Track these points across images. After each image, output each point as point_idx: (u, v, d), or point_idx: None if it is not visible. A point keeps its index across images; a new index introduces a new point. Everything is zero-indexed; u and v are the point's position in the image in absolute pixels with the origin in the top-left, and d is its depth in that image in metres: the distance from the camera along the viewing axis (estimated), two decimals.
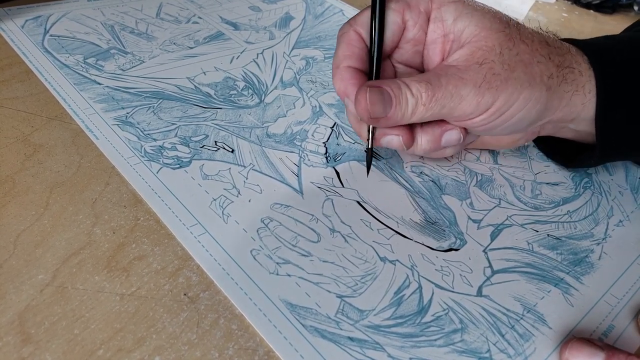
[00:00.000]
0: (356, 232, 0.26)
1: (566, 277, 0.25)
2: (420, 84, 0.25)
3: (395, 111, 0.25)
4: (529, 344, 0.22)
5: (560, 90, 0.26)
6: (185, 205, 0.26)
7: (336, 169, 0.30)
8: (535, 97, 0.25)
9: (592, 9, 0.65)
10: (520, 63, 0.25)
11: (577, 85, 0.27)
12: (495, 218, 0.28)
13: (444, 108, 0.25)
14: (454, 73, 0.25)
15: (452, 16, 0.26)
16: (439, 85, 0.25)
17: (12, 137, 0.29)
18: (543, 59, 0.26)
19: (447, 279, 0.24)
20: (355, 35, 0.27)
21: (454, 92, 0.25)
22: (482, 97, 0.25)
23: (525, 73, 0.25)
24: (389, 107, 0.25)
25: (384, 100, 0.25)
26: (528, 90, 0.25)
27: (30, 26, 0.40)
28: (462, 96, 0.25)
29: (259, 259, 0.24)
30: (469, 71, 0.25)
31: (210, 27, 0.44)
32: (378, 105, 0.25)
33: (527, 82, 0.25)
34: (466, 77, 0.25)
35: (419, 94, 0.25)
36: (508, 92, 0.25)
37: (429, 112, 0.25)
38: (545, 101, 0.26)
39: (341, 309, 0.22)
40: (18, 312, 0.20)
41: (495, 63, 0.25)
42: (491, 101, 0.25)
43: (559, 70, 0.26)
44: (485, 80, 0.25)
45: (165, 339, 0.20)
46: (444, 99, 0.25)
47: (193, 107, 0.34)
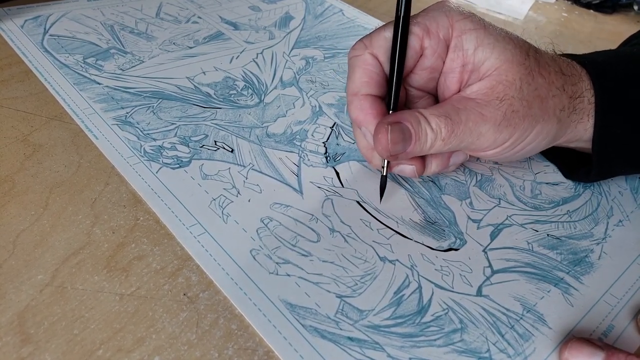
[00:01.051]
0: (356, 232, 0.26)
1: (566, 277, 0.25)
2: (439, 118, 0.24)
3: (415, 147, 0.25)
4: (528, 344, 0.22)
5: (568, 121, 0.27)
6: (185, 205, 0.26)
7: (336, 168, 0.30)
8: (547, 130, 0.26)
9: (592, 8, 0.65)
10: (537, 98, 0.25)
11: (583, 114, 0.27)
12: (495, 218, 0.28)
13: (462, 143, 0.25)
14: (474, 108, 0.25)
15: (473, 45, 0.25)
16: (458, 121, 0.24)
17: (12, 137, 0.29)
18: (558, 92, 0.26)
19: (446, 279, 0.24)
20: (372, 59, 0.26)
21: (473, 129, 0.25)
22: (499, 134, 0.25)
23: (541, 109, 0.25)
24: (408, 144, 0.25)
25: (405, 138, 0.24)
26: (540, 125, 0.26)
27: (29, 26, 0.40)
28: (482, 133, 0.25)
29: (258, 258, 0.24)
30: (489, 107, 0.25)
31: (210, 27, 0.44)
32: (399, 144, 0.25)
33: (541, 117, 0.25)
34: (486, 114, 0.24)
35: (438, 129, 0.24)
36: (524, 128, 0.25)
37: (447, 147, 0.25)
38: (554, 133, 0.27)
39: (341, 308, 0.22)
40: (17, 312, 0.20)
41: (515, 99, 0.25)
42: (508, 137, 0.25)
43: (570, 102, 0.26)
44: (505, 117, 0.25)
45: (165, 339, 0.20)
46: (463, 135, 0.25)
47: (193, 106, 0.34)
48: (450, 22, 0.26)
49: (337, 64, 0.41)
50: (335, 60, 0.42)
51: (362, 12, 0.51)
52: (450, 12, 0.26)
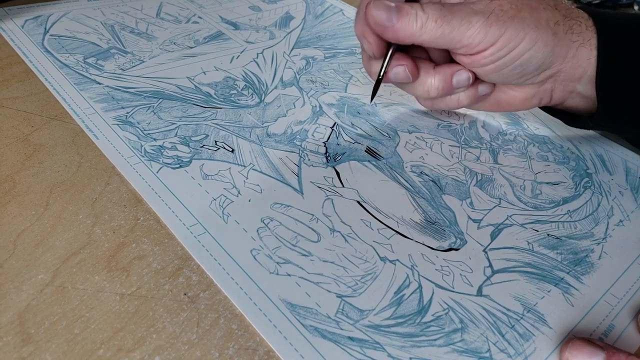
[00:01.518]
0: (356, 232, 0.26)
1: (566, 276, 0.25)
2: (434, 5, 0.27)
3: (403, 22, 0.26)
4: (529, 344, 0.22)
5: (566, 39, 0.28)
6: (185, 205, 0.26)
7: (336, 168, 0.30)
8: (542, 39, 0.27)
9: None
10: (527, 6, 0.27)
11: (583, 38, 0.28)
12: (495, 218, 0.28)
13: (453, 30, 0.27)
14: (467, 5, 0.27)
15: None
16: (451, 9, 0.27)
17: (12, 137, 0.29)
18: (549, 7, 0.28)
19: (447, 279, 0.24)
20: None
21: (464, 17, 0.27)
22: (489, 28, 0.26)
23: (532, 15, 0.27)
24: (395, 17, 0.26)
25: (390, 10, 0.26)
26: (534, 32, 0.27)
27: (30, 26, 0.40)
28: (472, 22, 0.27)
29: (259, 258, 0.24)
30: (479, 4, 0.27)
31: (210, 27, 0.44)
32: (383, 11, 0.26)
33: (533, 23, 0.27)
34: (476, 8, 0.27)
35: (430, 11, 0.27)
36: (514, 28, 0.27)
37: (439, 30, 0.27)
38: (552, 45, 0.27)
39: (341, 308, 0.22)
40: (18, 312, 0.20)
41: (504, 1, 0.27)
42: (498, 34, 0.27)
43: (565, 20, 0.28)
44: (494, 13, 0.27)
45: (165, 339, 0.20)
46: (454, 21, 0.26)
47: (193, 106, 0.34)
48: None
49: (337, 64, 0.41)
50: (336, 60, 0.42)
51: None
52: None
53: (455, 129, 0.35)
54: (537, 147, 0.35)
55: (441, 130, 0.35)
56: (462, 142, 0.34)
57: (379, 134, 0.34)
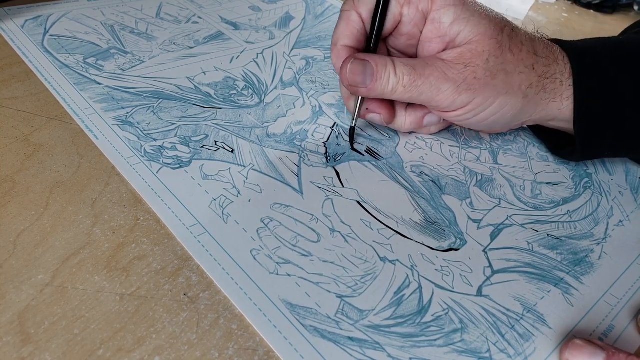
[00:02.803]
0: (356, 232, 0.26)
1: (566, 277, 0.25)
2: (405, 67, 0.27)
3: (376, 85, 0.27)
4: (529, 344, 0.22)
5: (537, 99, 0.28)
6: (185, 205, 0.26)
7: (336, 169, 0.30)
8: (511, 103, 0.28)
9: (592, 8, 0.65)
10: (502, 72, 0.27)
11: (555, 94, 0.29)
12: (495, 218, 0.28)
13: (422, 95, 0.27)
14: (440, 67, 0.27)
15: (449, 19, 0.27)
16: (422, 73, 0.27)
17: (12, 137, 0.29)
18: (526, 70, 0.28)
19: (447, 279, 0.24)
20: (356, 16, 0.29)
21: (433, 84, 0.27)
22: (458, 96, 0.27)
23: (505, 82, 0.27)
24: (369, 79, 0.27)
25: (366, 72, 0.27)
26: (504, 97, 0.27)
27: (30, 26, 0.40)
28: (441, 90, 0.27)
29: (259, 259, 0.24)
30: (453, 69, 0.27)
31: (210, 27, 0.44)
32: (359, 76, 0.27)
33: (504, 89, 0.27)
34: (449, 75, 0.27)
35: (401, 75, 0.27)
36: (484, 96, 0.27)
37: (407, 95, 0.27)
38: (520, 107, 0.28)
39: (341, 308, 0.22)
40: (18, 312, 0.20)
41: (479, 68, 0.27)
42: (466, 101, 0.27)
43: (539, 81, 0.28)
44: (466, 82, 0.27)
45: (165, 339, 0.20)
46: (423, 87, 0.27)
47: (193, 107, 0.34)
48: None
49: None
50: None
51: None
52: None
53: (455, 129, 0.35)
54: (537, 147, 0.35)
55: (441, 131, 0.35)
56: (462, 142, 0.34)
57: (379, 134, 0.34)
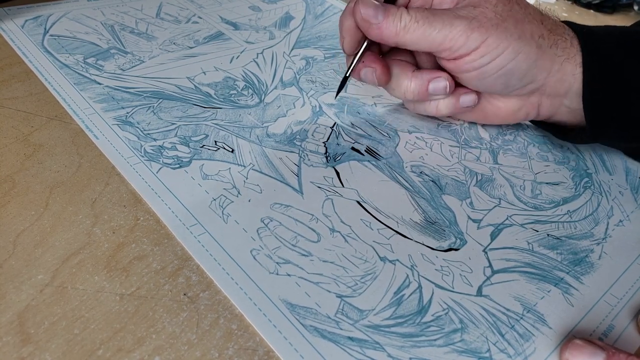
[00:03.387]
0: (356, 232, 0.26)
1: (566, 277, 0.25)
2: (419, 8, 0.28)
3: (388, 21, 0.27)
4: (529, 344, 0.22)
5: (550, 53, 0.28)
6: (185, 205, 0.26)
7: (336, 168, 0.30)
8: (525, 50, 0.28)
9: (592, 8, 0.65)
10: (512, 18, 0.27)
11: (568, 54, 0.29)
12: (495, 218, 0.28)
13: (434, 31, 0.27)
14: (451, 10, 0.28)
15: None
16: (434, 12, 0.27)
17: (12, 137, 0.29)
18: (535, 21, 0.28)
19: (447, 279, 0.24)
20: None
21: (446, 20, 0.27)
22: (471, 32, 0.27)
23: (516, 27, 0.27)
24: (381, 15, 0.27)
25: (377, 8, 0.27)
26: (517, 42, 0.27)
27: (30, 26, 0.40)
28: (454, 25, 0.27)
29: (259, 258, 0.24)
30: (463, 10, 0.28)
31: (210, 27, 0.44)
32: (370, 9, 0.27)
33: (516, 34, 0.27)
34: (460, 12, 0.27)
35: (414, 13, 0.27)
36: (497, 36, 0.27)
37: (420, 30, 0.27)
38: (535, 57, 0.28)
39: (341, 308, 0.22)
40: (18, 312, 0.20)
41: (488, 10, 0.27)
42: (480, 40, 0.27)
43: (550, 34, 0.28)
44: (477, 19, 0.27)
45: (165, 339, 0.20)
46: (436, 23, 0.27)
47: (193, 106, 0.34)
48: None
49: (337, 64, 0.41)
50: (336, 60, 0.42)
51: None
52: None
53: (455, 129, 0.35)
54: (537, 147, 0.35)
55: (441, 130, 0.35)
56: (462, 142, 0.34)
57: (379, 134, 0.34)
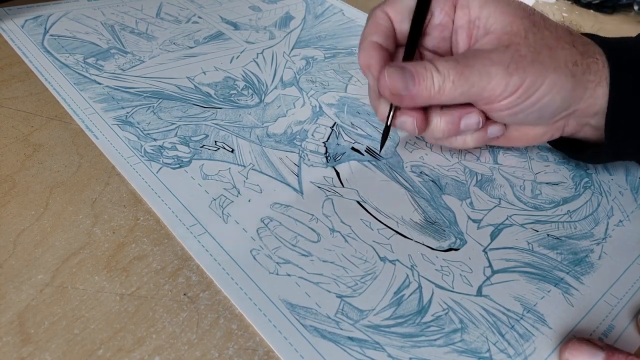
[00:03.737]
0: (356, 232, 0.26)
1: (566, 277, 0.25)
2: (447, 62, 0.25)
3: (420, 88, 0.25)
4: (528, 344, 0.22)
5: (584, 80, 0.26)
6: (185, 205, 0.26)
7: (336, 168, 0.30)
8: (560, 82, 0.26)
9: (592, 8, 0.65)
10: (545, 47, 0.25)
11: (600, 77, 0.27)
12: (495, 218, 0.28)
13: (473, 87, 0.25)
14: (482, 54, 0.25)
15: (478, 3, 0.27)
16: (466, 64, 0.25)
17: (12, 137, 0.29)
18: (567, 45, 0.26)
19: (447, 279, 0.24)
20: (382, 14, 0.29)
21: (482, 71, 0.25)
22: (510, 78, 0.25)
23: (550, 57, 0.25)
24: (411, 83, 0.25)
25: (405, 77, 0.25)
26: (553, 75, 0.25)
27: (30, 26, 0.40)
28: (491, 74, 0.25)
29: (258, 258, 0.24)
30: (495, 52, 0.25)
31: (210, 27, 0.44)
32: (398, 81, 0.25)
33: (552, 66, 0.25)
34: (494, 58, 0.25)
35: (446, 71, 0.25)
36: (534, 74, 0.25)
37: (458, 90, 0.25)
38: (570, 88, 0.26)
39: (341, 308, 0.22)
40: (18, 312, 0.20)
41: (521, 45, 0.25)
42: (519, 82, 0.25)
43: (583, 59, 0.26)
44: (513, 61, 0.25)
45: (165, 339, 0.20)
46: (472, 77, 0.25)
47: (193, 106, 0.34)
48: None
49: (337, 64, 0.41)
50: (336, 60, 0.42)
51: (363, 12, 0.51)
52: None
53: None
54: (537, 147, 0.35)
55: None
56: None
57: (379, 134, 0.34)
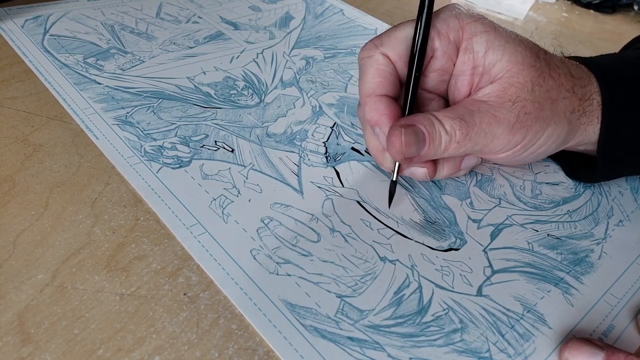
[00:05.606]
0: (356, 232, 0.26)
1: (566, 276, 0.25)
2: (454, 121, 0.24)
3: (429, 150, 0.24)
4: (528, 344, 0.22)
5: (578, 123, 0.27)
6: (185, 205, 0.26)
7: (336, 168, 0.30)
8: (557, 133, 0.26)
9: (592, 8, 0.65)
10: (549, 100, 0.25)
11: (592, 116, 0.27)
12: (495, 218, 0.28)
13: (476, 145, 0.25)
14: (487, 110, 0.25)
15: (483, 48, 0.25)
16: (472, 123, 0.24)
17: (12, 137, 0.29)
18: (568, 94, 0.26)
19: (447, 279, 0.24)
20: (383, 59, 0.26)
21: (487, 131, 0.24)
22: (513, 136, 0.25)
23: (552, 111, 0.25)
24: (422, 146, 0.24)
25: (418, 140, 0.24)
26: (552, 127, 0.26)
27: (30, 26, 0.40)
28: (496, 135, 0.25)
29: (258, 258, 0.24)
30: (502, 109, 0.25)
31: (210, 27, 0.44)
32: (413, 147, 0.24)
33: (552, 120, 0.25)
34: (500, 116, 0.24)
35: (453, 131, 0.24)
36: (535, 130, 0.25)
37: (461, 149, 0.25)
38: (565, 135, 0.27)
39: (341, 308, 0.22)
40: (18, 312, 0.20)
41: (527, 101, 0.25)
42: (520, 139, 0.25)
43: (580, 104, 0.26)
44: (519, 119, 0.25)
45: (165, 339, 0.20)
46: (477, 137, 0.25)
47: (193, 106, 0.34)
48: (461, 24, 0.26)
49: (337, 64, 0.41)
50: (336, 60, 0.42)
51: (363, 12, 0.51)
52: (461, 14, 0.26)
53: None
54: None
55: None
56: None
57: None
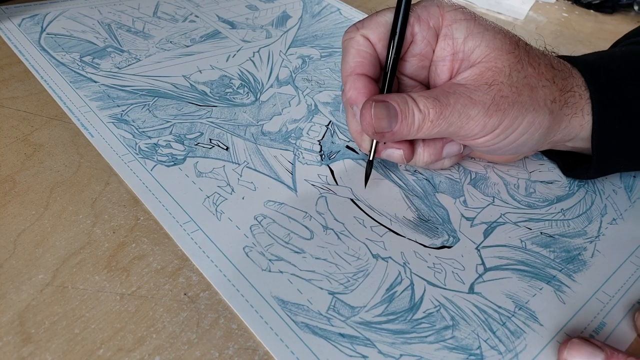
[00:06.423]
0: (349, 230, 0.26)
1: (559, 274, 0.26)
2: (428, 100, 0.25)
3: (401, 126, 0.25)
4: (519, 341, 0.22)
5: (561, 114, 0.27)
6: (179, 202, 0.26)
7: (330, 167, 0.30)
8: (539, 121, 0.26)
9: (592, 8, 0.65)
10: (527, 86, 0.25)
11: (576, 109, 0.27)
12: (488, 216, 0.29)
13: (451, 126, 0.25)
14: (463, 92, 0.25)
15: (462, 34, 0.26)
16: (447, 103, 0.25)
17: (12, 137, 0.29)
18: (548, 83, 0.26)
19: (439, 276, 0.25)
20: (364, 40, 0.27)
21: (462, 111, 0.25)
22: (489, 119, 0.25)
23: (531, 97, 0.25)
24: (394, 122, 0.25)
25: (390, 115, 0.25)
26: (532, 114, 0.25)
27: (27, 25, 0.40)
28: (470, 116, 0.25)
29: (251, 255, 0.24)
30: (478, 91, 0.25)
31: (207, 26, 0.44)
32: (384, 120, 0.25)
33: (531, 106, 0.25)
34: (475, 98, 0.25)
35: (426, 110, 0.24)
36: (513, 115, 0.25)
37: (436, 129, 0.25)
38: (547, 125, 0.26)
39: (332, 305, 0.23)
40: (18, 312, 0.21)
41: (504, 85, 0.25)
42: (497, 123, 0.25)
43: (561, 95, 0.26)
44: (494, 102, 0.25)
45: (165, 339, 0.21)
46: (451, 117, 0.25)
47: (188, 104, 0.34)
48: (441, 12, 0.26)
49: (333, 63, 0.41)
50: (332, 59, 0.42)
51: (360, 12, 0.51)
52: (442, 3, 0.27)
53: None
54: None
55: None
56: None
57: None
